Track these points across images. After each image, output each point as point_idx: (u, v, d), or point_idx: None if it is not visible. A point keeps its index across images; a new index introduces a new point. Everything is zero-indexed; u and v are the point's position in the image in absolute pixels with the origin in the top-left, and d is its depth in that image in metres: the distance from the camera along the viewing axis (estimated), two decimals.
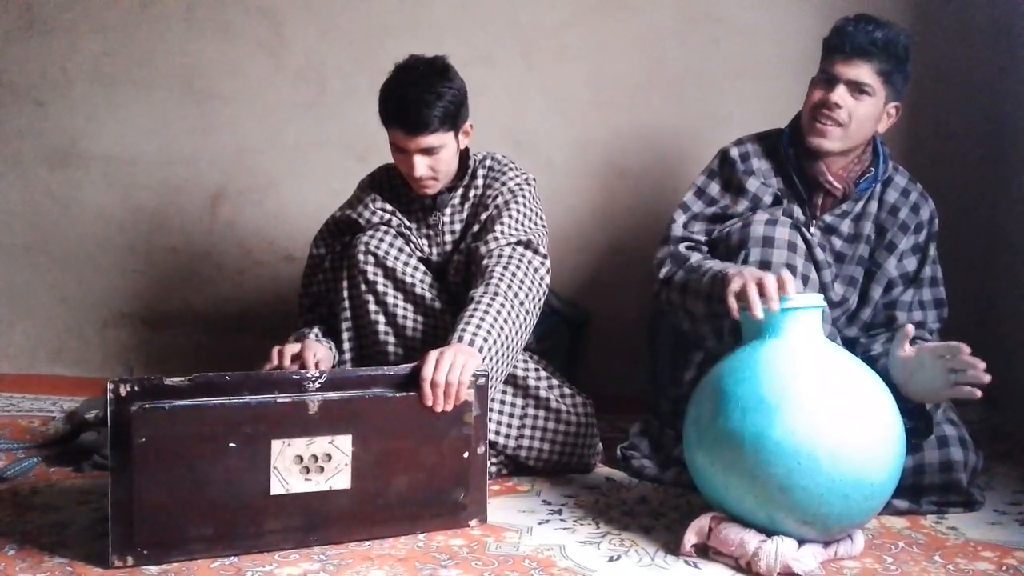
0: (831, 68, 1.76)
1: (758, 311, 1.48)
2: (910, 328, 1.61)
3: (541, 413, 1.87)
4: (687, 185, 1.95)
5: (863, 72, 1.73)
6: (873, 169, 1.83)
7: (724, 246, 1.77)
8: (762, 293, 1.48)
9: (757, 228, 1.71)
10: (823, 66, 1.79)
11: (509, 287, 1.75)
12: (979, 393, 1.49)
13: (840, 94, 1.74)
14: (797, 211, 1.83)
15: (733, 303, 1.52)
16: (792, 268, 1.68)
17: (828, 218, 1.84)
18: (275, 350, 1.79)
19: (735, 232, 1.74)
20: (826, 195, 1.83)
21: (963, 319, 2.29)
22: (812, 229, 1.83)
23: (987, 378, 1.48)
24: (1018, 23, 2.40)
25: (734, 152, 1.89)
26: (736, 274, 1.55)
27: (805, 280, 1.69)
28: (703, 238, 1.83)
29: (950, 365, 1.51)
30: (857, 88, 1.74)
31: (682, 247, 1.81)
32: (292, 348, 1.79)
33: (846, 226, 1.84)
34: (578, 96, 2.65)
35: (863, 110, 1.75)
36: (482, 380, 1.56)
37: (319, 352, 1.81)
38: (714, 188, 1.89)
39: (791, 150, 1.84)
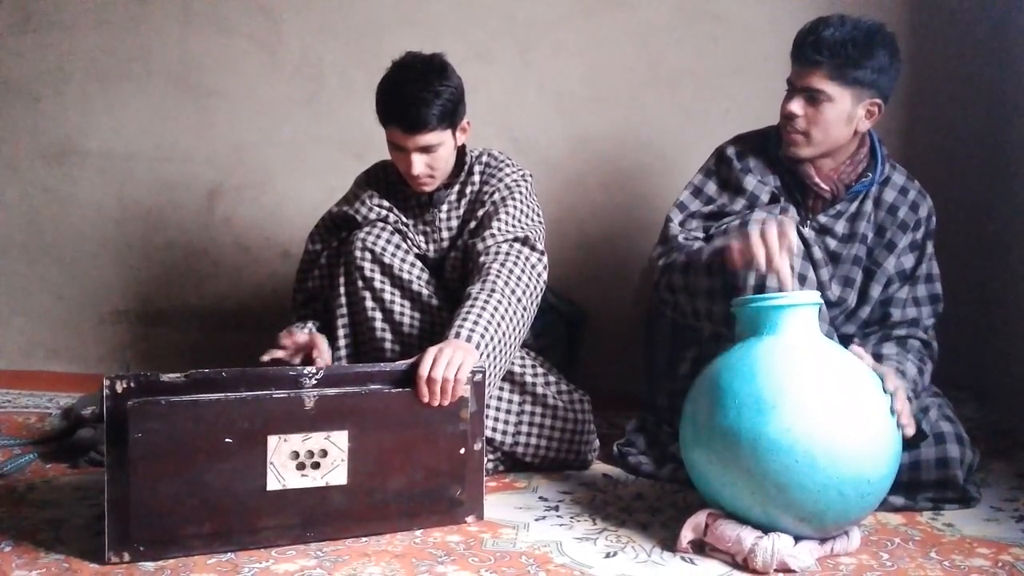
0: (790, 78, 1.78)
1: (760, 257, 1.52)
2: (856, 348, 1.58)
3: (538, 410, 1.87)
4: (684, 182, 1.95)
5: (814, 79, 1.72)
6: (871, 174, 1.82)
7: None
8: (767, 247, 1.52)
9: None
10: (790, 75, 1.78)
11: (506, 284, 1.75)
12: (908, 431, 1.49)
13: (796, 104, 1.74)
14: (792, 211, 1.83)
15: (736, 245, 1.57)
16: (789, 268, 1.68)
17: (822, 219, 1.83)
18: (283, 332, 1.80)
19: (732, 230, 1.74)
20: (816, 197, 1.83)
21: (960, 317, 2.30)
22: (806, 230, 1.83)
23: (903, 420, 1.48)
24: (1017, 22, 2.40)
25: (730, 151, 1.89)
26: (738, 236, 1.59)
27: (803, 279, 1.69)
28: (701, 235, 1.83)
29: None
30: (812, 95, 1.73)
31: (680, 239, 1.81)
32: (303, 336, 1.79)
33: (840, 226, 1.83)
34: (575, 92, 2.65)
35: (823, 116, 1.73)
36: (479, 377, 1.56)
37: (322, 346, 1.82)
38: (711, 187, 1.89)
39: (780, 152, 1.84)
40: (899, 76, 1.78)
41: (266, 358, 1.77)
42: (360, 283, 1.85)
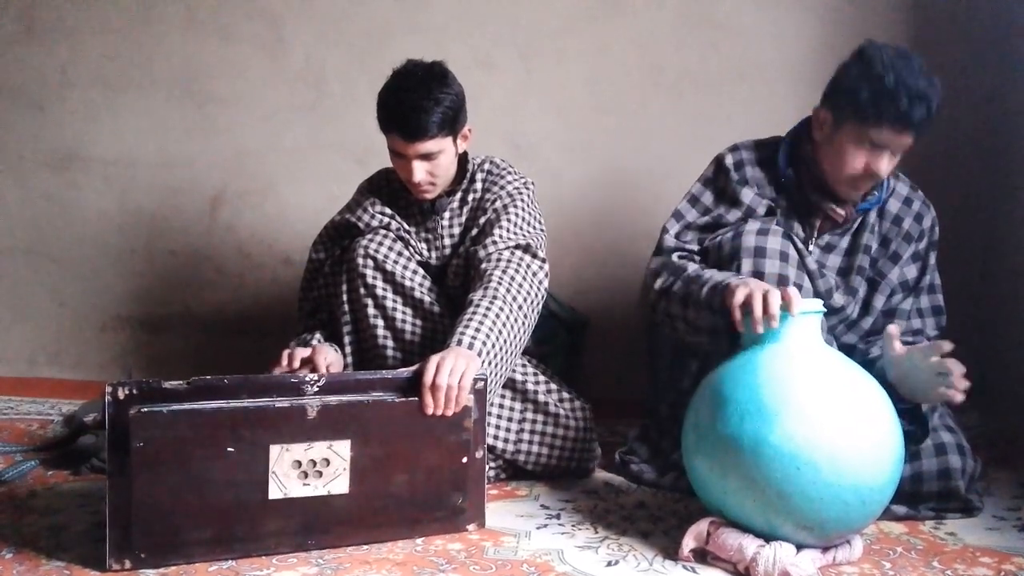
0: (879, 138, 1.65)
1: (760, 327, 1.47)
2: (893, 328, 1.61)
3: (540, 417, 1.87)
4: (686, 189, 1.95)
5: (907, 139, 1.66)
6: (876, 192, 1.82)
7: (715, 256, 1.76)
8: (765, 308, 1.47)
9: (748, 239, 1.70)
10: (866, 130, 1.66)
11: (508, 291, 1.75)
12: (959, 397, 1.49)
13: (887, 163, 1.69)
14: (796, 227, 1.81)
15: (738, 315, 1.51)
16: (784, 278, 1.67)
17: (827, 236, 1.83)
18: (285, 352, 1.78)
19: (727, 242, 1.74)
20: (825, 219, 1.82)
21: (962, 326, 2.29)
22: (811, 247, 1.82)
23: (964, 383, 1.48)
24: (1018, 25, 2.40)
25: (729, 160, 1.87)
26: (740, 285, 1.53)
27: (798, 289, 1.68)
28: (696, 247, 1.82)
29: (936, 368, 1.51)
30: (900, 151, 1.70)
31: (675, 256, 1.80)
32: (302, 352, 1.78)
33: (845, 241, 1.83)
34: (577, 100, 2.66)
35: (894, 164, 1.71)
36: (481, 384, 1.55)
37: (329, 356, 1.80)
38: (708, 197, 1.87)
39: (789, 170, 1.82)
40: None
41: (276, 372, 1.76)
42: (362, 290, 1.85)
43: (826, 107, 1.75)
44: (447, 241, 1.97)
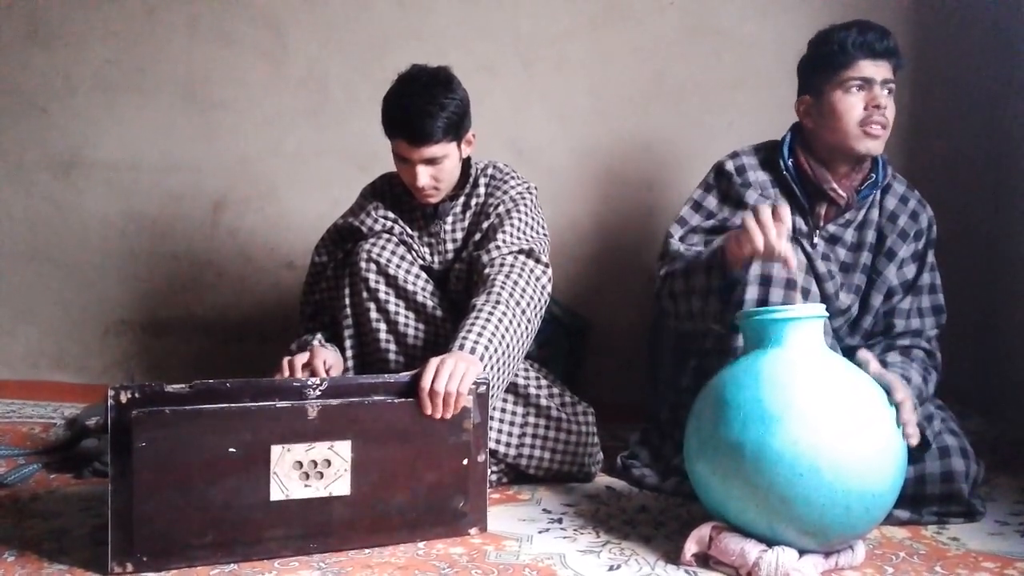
0: (861, 73, 1.75)
1: (758, 240, 1.49)
2: (862, 354, 1.58)
3: (542, 421, 1.87)
4: (687, 194, 1.95)
5: (888, 71, 1.76)
6: (873, 175, 1.84)
7: None
8: (765, 238, 1.50)
9: None
10: (846, 75, 1.75)
11: (511, 295, 1.75)
12: (913, 441, 1.47)
13: (884, 97, 1.76)
14: (800, 222, 1.83)
15: (733, 235, 1.55)
16: (792, 282, 1.68)
17: (832, 228, 1.84)
18: (285, 361, 1.78)
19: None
20: (830, 204, 1.83)
21: (964, 328, 2.30)
22: (816, 239, 1.83)
23: (913, 438, 1.47)
24: (1019, 31, 2.41)
25: (730, 165, 1.89)
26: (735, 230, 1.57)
27: (806, 293, 1.68)
28: (702, 249, 1.83)
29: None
30: (890, 89, 1.77)
31: (682, 250, 1.82)
32: (302, 358, 1.79)
33: (850, 235, 1.84)
34: (579, 105, 2.66)
35: (892, 107, 1.77)
36: (483, 388, 1.56)
37: (328, 358, 1.81)
38: (711, 201, 1.89)
39: (791, 161, 1.84)
40: None
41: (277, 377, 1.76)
42: (365, 294, 1.85)
43: (803, 93, 1.85)
44: (450, 246, 1.97)
